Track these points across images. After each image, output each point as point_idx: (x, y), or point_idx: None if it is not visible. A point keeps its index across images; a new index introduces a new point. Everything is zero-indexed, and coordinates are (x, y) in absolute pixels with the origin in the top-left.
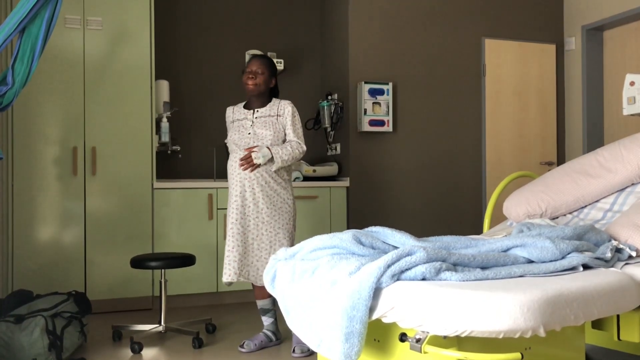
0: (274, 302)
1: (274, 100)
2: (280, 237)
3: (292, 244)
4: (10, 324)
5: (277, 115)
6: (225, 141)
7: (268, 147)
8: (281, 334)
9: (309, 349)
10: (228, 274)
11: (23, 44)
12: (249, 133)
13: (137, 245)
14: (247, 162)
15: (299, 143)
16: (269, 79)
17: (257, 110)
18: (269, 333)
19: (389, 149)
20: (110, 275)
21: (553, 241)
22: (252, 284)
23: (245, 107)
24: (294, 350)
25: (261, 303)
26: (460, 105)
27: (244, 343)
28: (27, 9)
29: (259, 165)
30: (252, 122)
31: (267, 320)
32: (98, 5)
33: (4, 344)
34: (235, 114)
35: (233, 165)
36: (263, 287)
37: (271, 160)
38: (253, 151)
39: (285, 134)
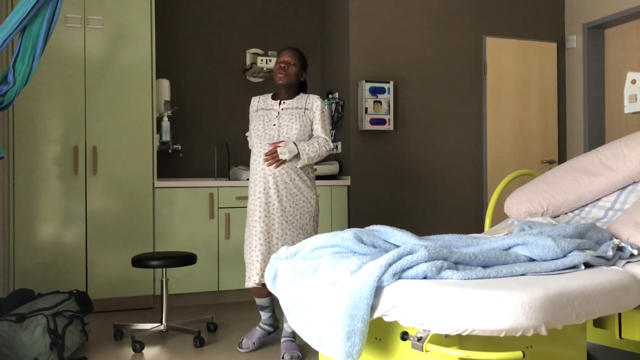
0: (273, 299)
1: (302, 94)
2: (301, 238)
3: None
4: (11, 323)
5: (305, 108)
6: (247, 134)
7: (294, 143)
8: (279, 322)
9: (299, 356)
10: (254, 278)
11: (24, 43)
12: (274, 124)
13: (138, 244)
14: (272, 158)
15: (327, 140)
16: (300, 71)
17: (284, 102)
18: (266, 326)
19: (389, 147)
20: (112, 274)
21: (554, 240)
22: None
23: (272, 97)
24: (283, 357)
25: (260, 301)
26: (461, 104)
27: (242, 342)
28: (27, 8)
29: (284, 161)
30: (278, 113)
31: (264, 315)
32: (99, 4)
33: (6, 343)
34: (260, 103)
35: (257, 160)
36: (265, 288)
37: (297, 156)
38: (278, 146)
39: (312, 129)
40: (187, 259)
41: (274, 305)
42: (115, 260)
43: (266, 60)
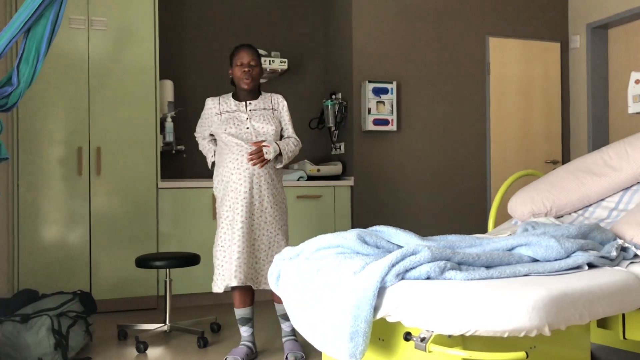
0: (254, 310)
1: (264, 93)
2: (279, 239)
3: (287, 245)
4: (16, 324)
5: (272, 109)
6: (197, 134)
7: (276, 143)
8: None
9: (302, 356)
10: (230, 281)
11: (28, 44)
12: (247, 127)
13: (142, 245)
14: (258, 157)
15: (298, 140)
16: (261, 71)
17: (250, 103)
18: (250, 344)
19: (393, 148)
20: (115, 275)
21: (558, 240)
22: (232, 290)
23: (234, 98)
24: (286, 358)
25: (243, 312)
26: (465, 104)
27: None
28: (31, 10)
29: (268, 161)
30: (248, 115)
31: (247, 331)
32: (102, 6)
33: (10, 344)
34: (222, 105)
35: (238, 159)
36: (249, 294)
37: (277, 156)
38: (264, 145)
39: (282, 129)
40: (191, 259)
41: (254, 320)
42: (119, 260)
43: (269, 61)
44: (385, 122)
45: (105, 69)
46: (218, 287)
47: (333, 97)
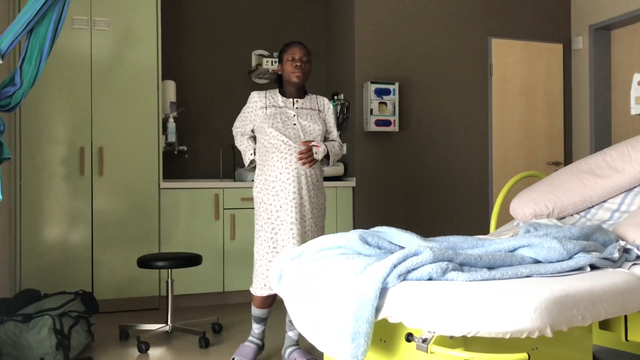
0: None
1: (310, 94)
2: None
3: None
4: (18, 323)
5: (319, 110)
6: (236, 128)
7: (325, 144)
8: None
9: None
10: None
11: (31, 44)
12: (294, 124)
13: (144, 245)
14: (307, 157)
15: (342, 144)
16: (311, 70)
17: (297, 101)
18: (259, 342)
19: (395, 149)
20: (117, 275)
21: (560, 241)
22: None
23: (282, 95)
24: None
25: (262, 312)
26: (467, 105)
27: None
28: (35, 10)
29: (316, 161)
30: (295, 113)
31: (259, 328)
32: (105, 6)
33: (12, 343)
34: (269, 99)
35: (286, 157)
36: (273, 296)
37: (324, 158)
38: (314, 145)
39: (327, 132)
40: (193, 259)
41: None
42: (120, 260)
43: (271, 61)
44: (387, 123)
45: (107, 69)
46: (260, 291)
47: (335, 97)
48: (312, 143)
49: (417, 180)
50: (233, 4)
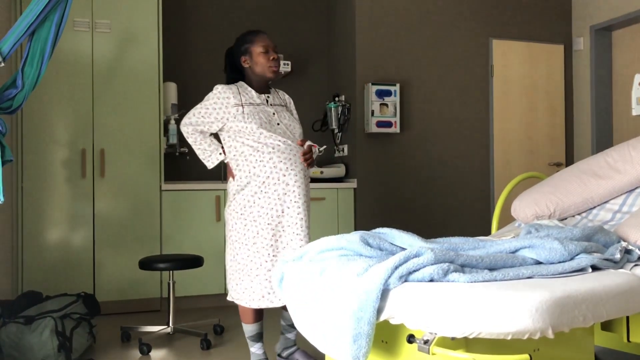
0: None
1: (272, 89)
2: (308, 241)
3: None
4: (20, 325)
5: (285, 105)
6: (203, 127)
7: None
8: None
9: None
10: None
11: (32, 47)
12: (278, 124)
13: (146, 247)
14: (309, 158)
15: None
16: None
17: (269, 97)
18: None
19: (396, 150)
20: (119, 277)
21: (561, 242)
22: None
23: (256, 91)
24: None
25: (255, 327)
26: (468, 106)
27: None
28: (36, 12)
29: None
30: (274, 110)
31: (260, 349)
32: (106, 8)
33: (14, 345)
34: (243, 96)
35: (291, 159)
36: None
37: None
38: (313, 145)
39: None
40: (194, 261)
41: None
42: (122, 262)
43: None
44: (388, 124)
45: (109, 71)
46: (258, 302)
47: (336, 99)
48: (308, 142)
49: (418, 181)
50: (234, 5)
